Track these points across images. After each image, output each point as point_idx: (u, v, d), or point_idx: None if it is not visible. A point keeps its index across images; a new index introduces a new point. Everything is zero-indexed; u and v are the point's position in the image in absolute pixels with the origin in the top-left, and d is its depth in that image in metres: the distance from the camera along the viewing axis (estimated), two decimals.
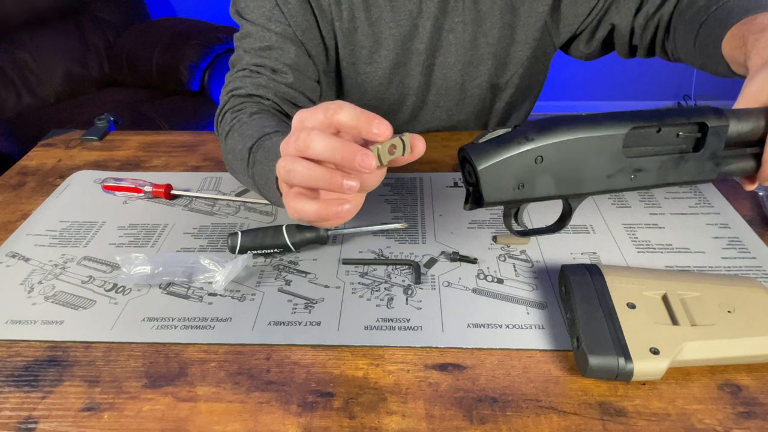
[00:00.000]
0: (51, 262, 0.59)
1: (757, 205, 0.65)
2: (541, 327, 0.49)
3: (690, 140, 0.42)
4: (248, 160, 0.59)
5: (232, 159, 0.63)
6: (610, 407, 0.42)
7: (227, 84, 0.71)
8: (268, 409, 0.43)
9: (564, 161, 0.40)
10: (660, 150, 0.42)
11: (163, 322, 0.51)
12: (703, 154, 0.42)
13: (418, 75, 0.78)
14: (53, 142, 0.85)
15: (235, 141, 0.63)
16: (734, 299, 0.47)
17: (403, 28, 0.74)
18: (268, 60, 0.69)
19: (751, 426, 0.40)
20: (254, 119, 0.64)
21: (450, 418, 0.41)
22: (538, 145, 0.39)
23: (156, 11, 2.39)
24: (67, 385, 0.45)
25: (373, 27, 0.73)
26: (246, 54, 0.70)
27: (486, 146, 0.39)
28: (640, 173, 0.42)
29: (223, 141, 0.66)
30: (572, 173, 0.40)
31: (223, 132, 0.66)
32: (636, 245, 0.59)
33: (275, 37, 0.69)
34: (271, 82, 0.69)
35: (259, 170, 0.56)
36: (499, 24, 0.75)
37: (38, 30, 1.94)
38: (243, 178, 0.62)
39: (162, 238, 0.62)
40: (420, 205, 0.66)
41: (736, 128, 0.41)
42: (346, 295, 0.53)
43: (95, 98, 1.97)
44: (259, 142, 0.59)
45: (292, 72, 0.70)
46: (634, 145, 0.41)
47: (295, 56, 0.70)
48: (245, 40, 0.71)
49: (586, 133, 0.39)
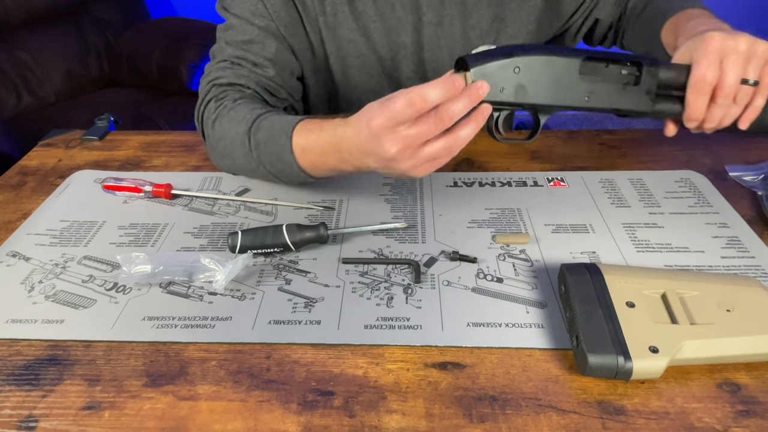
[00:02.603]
0: (51, 261, 0.59)
1: (757, 205, 0.65)
2: (540, 326, 0.49)
3: (631, 77, 0.55)
4: (249, 143, 0.61)
5: (225, 146, 0.64)
6: (610, 406, 0.42)
7: (207, 74, 0.72)
8: (268, 407, 0.43)
9: (535, 74, 0.53)
10: (608, 80, 0.55)
11: (164, 321, 0.51)
12: (641, 89, 0.55)
13: (409, 69, 0.79)
14: (53, 141, 0.85)
15: (225, 128, 0.64)
16: (733, 298, 0.47)
17: (387, 21, 0.74)
18: (250, 53, 0.71)
19: (750, 424, 0.41)
20: (239, 104, 0.66)
21: (450, 417, 0.42)
22: (516, 58, 0.52)
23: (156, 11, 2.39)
24: (67, 383, 0.45)
25: (357, 21, 0.74)
26: (228, 46, 0.71)
27: (479, 55, 0.52)
28: (592, 95, 0.55)
29: (209, 129, 0.67)
30: (541, 86, 0.53)
31: (209, 120, 0.67)
32: (635, 244, 0.59)
33: (257, 30, 0.71)
34: (252, 74, 0.71)
35: (266, 150, 0.60)
36: (487, 17, 0.76)
37: (38, 30, 1.94)
38: (241, 161, 0.64)
39: (162, 237, 0.62)
40: (420, 204, 0.66)
41: (665, 74, 0.55)
42: (346, 294, 0.53)
43: (95, 98, 1.96)
44: (255, 124, 0.61)
45: (273, 66, 0.71)
46: (588, 74, 0.54)
47: (276, 51, 0.72)
48: (228, 32, 0.72)
49: (553, 56, 0.53)
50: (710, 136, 0.58)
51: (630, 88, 0.55)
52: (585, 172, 0.72)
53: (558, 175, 0.71)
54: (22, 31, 1.91)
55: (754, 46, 0.52)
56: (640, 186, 0.69)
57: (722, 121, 0.55)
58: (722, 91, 0.52)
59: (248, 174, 0.69)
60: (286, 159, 0.59)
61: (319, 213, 0.66)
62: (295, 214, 0.65)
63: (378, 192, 0.69)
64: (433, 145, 0.49)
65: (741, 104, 0.54)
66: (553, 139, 0.81)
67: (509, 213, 0.64)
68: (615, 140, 0.80)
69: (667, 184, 0.69)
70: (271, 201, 0.67)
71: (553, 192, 0.68)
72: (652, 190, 0.68)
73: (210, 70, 0.72)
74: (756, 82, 0.52)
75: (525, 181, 0.71)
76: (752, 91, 0.53)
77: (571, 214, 0.64)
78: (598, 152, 0.78)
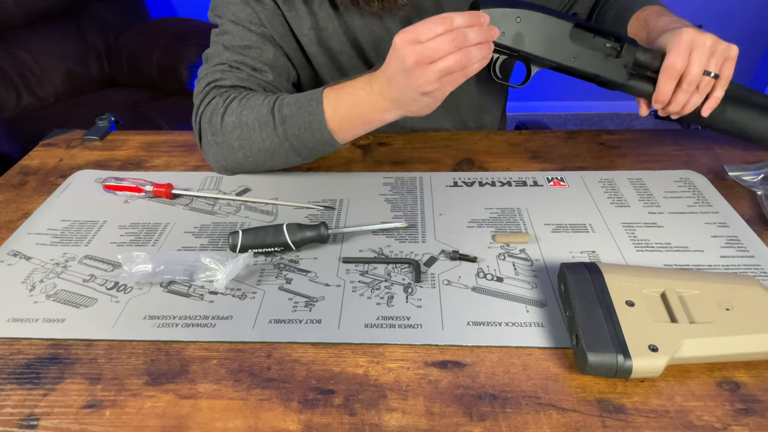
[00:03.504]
0: (52, 260, 0.59)
1: (756, 204, 0.65)
2: (540, 325, 0.49)
3: (613, 50, 0.64)
4: (273, 120, 0.64)
5: (241, 133, 0.65)
6: (609, 404, 0.42)
7: (204, 77, 0.72)
8: (269, 406, 0.43)
9: (532, 27, 0.61)
10: (593, 48, 0.63)
11: (165, 320, 0.51)
12: (620, 61, 0.64)
13: None
14: (54, 141, 0.85)
15: (242, 115, 0.65)
16: (732, 297, 0.47)
17: (375, 34, 0.75)
18: (248, 58, 0.71)
19: (750, 423, 0.41)
20: (250, 96, 0.67)
21: (450, 415, 0.42)
22: (519, 10, 0.60)
23: (156, 11, 2.39)
24: (68, 382, 0.45)
25: (348, 34, 0.74)
26: (226, 50, 0.72)
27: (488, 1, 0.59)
28: (578, 57, 0.63)
29: (218, 122, 0.67)
30: (536, 38, 0.61)
31: (217, 115, 0.67)
32: (635, 244, 0.59)
33: (255, 36, 0.71)
34: (252, 77, 0.71)
35: (293, 122, 0.64)
36: None
37: (38, 30, 1.94)
38: (261, 145, 0.65)
39: (163, 237, 0.62)
40: (420, 204, 0.67)
41: (642, 56, 0.64)
42: (347, 293, 0.53)
43: (95, 98, 1.97)
44: (278, 103, 0.64)
45: (272, 71, 0.72)
46: (577, 39, 0.63)
47: (273, 57, 0.72)
48: (224, 36, 0.72)
49: (549, 15, 0.61)
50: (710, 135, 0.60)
51: (611, 60, 0.64)
52: (585, 171, 0.73)
53: (558, 175, 0.72)
54: (22, 31, 1.91)
55: (717, 44, 0.60)
56: (640, 186, 0.69)
57: (685, 107, 0.63)
58: (687, 79, 0.60)
59: (262, 160, 0.69)
60: (315, 125, 0.63)
61: (320, 212, 0.66)
62: (295, 214, 0.66)
63: (378, 192, 0.69)
64: (447, 59, 0.53)
65: (703, 93, 0.61)
66: (553, 139, 0.81)
67: (509, 212, 0.65)
68: (615, 140, 0.81)
69: (667, 184, 0.69)
70: (271, 201, 0.68)
71: (553, 192, 0.68)
72: (652, 189, 0.68)
73: (206, 73, 0.71)
74: (716, 75, 0.60)
75: (525, 180, 0.71)
76: (713, 83, 0.60)
77: (571, 214, 0.64)
78: (597, 152, 0.78)
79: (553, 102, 2.77)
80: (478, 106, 0.88)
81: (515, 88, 0.70)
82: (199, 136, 0.71)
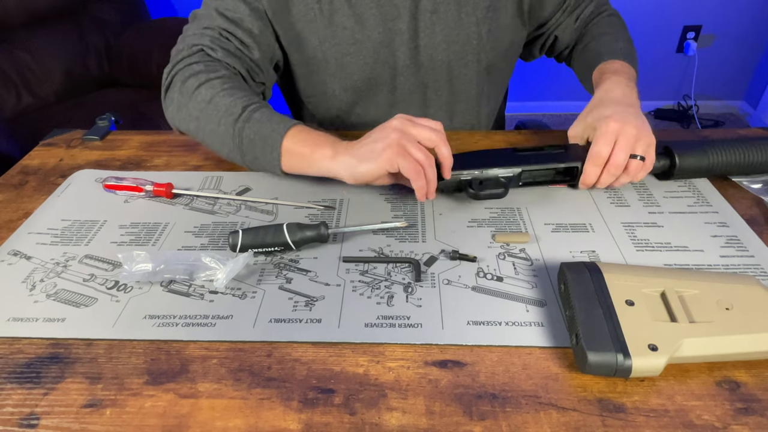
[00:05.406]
0: (53, 260, 0.59)
1: (756, 204, 0.65)
2: (540, 324, 0.49)
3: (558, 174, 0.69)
4: (240, 114, 0.64)
5: (207, 108, 0.66)
6: (609, 403, 0.42)
7: (191, 35, 0.73)
8: (269, 405, 0.43)
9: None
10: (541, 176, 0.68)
11: (165, 319, 0.51)
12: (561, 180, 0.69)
13: (405, 56, 0.79)
14: (55, 141, 0.85)
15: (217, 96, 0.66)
16: (732, 297, 0.47)
17: (383, 8, 0.75)
18: (239, 30, 0.73)
19: (749, 422, 0.41)
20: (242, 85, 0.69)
21: (450, 414, 0.42)
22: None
23: (156, 11, 2.39)
24: (69, 381, 0.45)
25: (353, 8, 0.74)
26: (219, 16, 0.73)
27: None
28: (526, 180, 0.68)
29: (193, 88, 0.67)
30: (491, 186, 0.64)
31: (196, 80, 0.68)
32: (635, 243, 0.59)
33: (248, 11, 0.73)
34: (238, 52, 0.73)
35: (255, 128, 0.64)
36: (482, 5, 0.77)
37: (38, 30, 1.94)
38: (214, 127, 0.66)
39: (163, 236, 0.62)
40: (420, 203, 0.67)
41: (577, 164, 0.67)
42: (347, 292, 0.54)
43: (95, 98, 1.97)
44: (256, 105, 0.65)
45: (258, 49, 0.74)
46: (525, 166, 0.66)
47: (260, 34, 0.74)
48: (219, 1, 0.73)
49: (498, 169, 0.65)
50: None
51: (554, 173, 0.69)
52: None
53: None
54: (22, 31, 1.92)
55: (641, 132, 0.63)
56: (640, 185, 0.69)
57: (611, 185, 0.66)
58: (612, 165, 0.63)
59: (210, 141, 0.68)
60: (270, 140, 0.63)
61: (320, 212, 0.66)
62: (295, 214, 0.66)
63: (378, 191, 0.69)
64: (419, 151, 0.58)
65: (633, 174, 0.64)
66: (553, 139, 0.81)
67: (509, 212, 0.65)
68: None
69: (667, 184, 0.69)
70: (271, 200, 0.68)
71: (553, 191, 0.69)
72: (652, 189, 0.68)
73: (193, 32, 0.73)
74: (643, 158, 0.63)
75: None
76: (642, 165, 0.63)
77: (571, 214, 0.64)
78: None
79: (553, 102, 2.77)
80: (477, 105, 0.88)
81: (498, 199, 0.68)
82: (167, 87, 0.71)
